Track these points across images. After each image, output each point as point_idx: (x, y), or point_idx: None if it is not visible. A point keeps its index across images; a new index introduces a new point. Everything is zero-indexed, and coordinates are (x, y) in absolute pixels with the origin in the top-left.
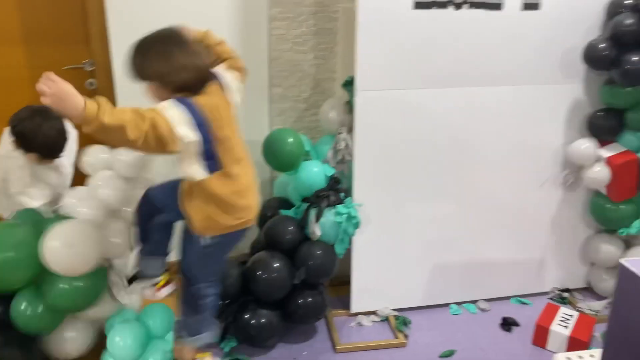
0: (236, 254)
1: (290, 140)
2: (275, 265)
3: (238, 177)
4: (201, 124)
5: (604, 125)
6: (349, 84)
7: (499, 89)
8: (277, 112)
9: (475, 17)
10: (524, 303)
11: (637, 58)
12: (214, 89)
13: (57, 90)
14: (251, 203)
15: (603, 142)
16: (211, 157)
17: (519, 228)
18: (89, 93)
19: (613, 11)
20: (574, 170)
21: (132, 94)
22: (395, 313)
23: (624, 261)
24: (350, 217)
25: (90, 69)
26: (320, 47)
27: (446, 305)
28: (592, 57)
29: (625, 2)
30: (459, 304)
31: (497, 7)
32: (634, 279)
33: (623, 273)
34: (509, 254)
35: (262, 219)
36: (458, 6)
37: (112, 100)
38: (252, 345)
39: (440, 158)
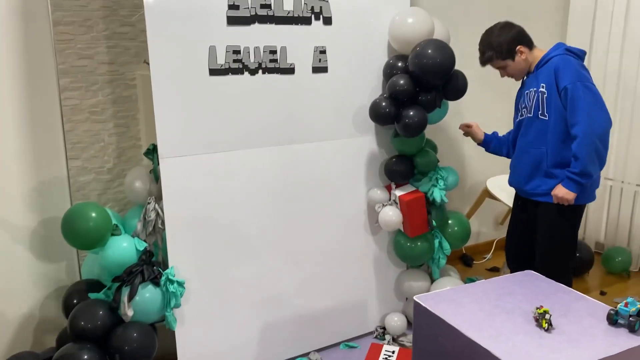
0: (40, 349)
1: (93, 214)
2: (84, 358)
3: None
4: None
5: (397, 170)
6: (151, 152)
7: (302, 145)
8: (78, 187)
9: (271, 81)
10: (352, 347)
11: (412, 112)
12: None
13: None
14: None
15: (398, 185)
16: None
17: (340, 274)
18: None
19: (389, 72)
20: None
21: None
22: None
23: (417, 298)
24: (179, 284)
25: None
26: (119, 115)
27: None
28: (377, 114)
29: (398, 64)
30: (291, 359)
31: (290, 71)
32: (426, 313)
33: (417, 308)
34: (333, 300)
35: (68, 306)
36: (253, 72)
37: None
38: None
39: (256, 216)
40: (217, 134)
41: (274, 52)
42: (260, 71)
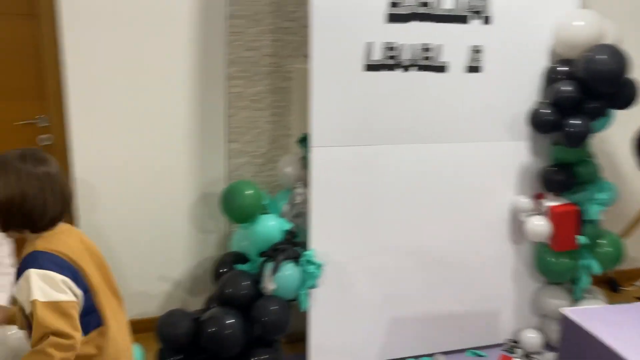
0: (192, 308)
1: (250, 192)
2: (228, 321)
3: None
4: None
5: (556, 179)
6: (303, 141)
7: (448, 145)
8: (235, 167)
9: (423, 78)
10: (479, 355)
11: (577, 122)
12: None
13: None
14: None
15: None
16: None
17: (473, 281)
18: (42, 149)
19: (551, 77)
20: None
21: (88, 150)
22: None
23: (566, 310)
24: (317, 267)
25: (44, 125)
26: (276, 104)
27: (403, 359)
28: (537, 122)
29: (563, 69)
30: (416, 357)
31: (442, 69)
32: (575, 329)
33: (565, 322)
34: (463, 306)
35: (217, 274)
36: (406, 68)
37: (66, 156)
38: None
39: (394, 212)
40: (367, 128)
41: (428, 49)
42: (413, 68)
